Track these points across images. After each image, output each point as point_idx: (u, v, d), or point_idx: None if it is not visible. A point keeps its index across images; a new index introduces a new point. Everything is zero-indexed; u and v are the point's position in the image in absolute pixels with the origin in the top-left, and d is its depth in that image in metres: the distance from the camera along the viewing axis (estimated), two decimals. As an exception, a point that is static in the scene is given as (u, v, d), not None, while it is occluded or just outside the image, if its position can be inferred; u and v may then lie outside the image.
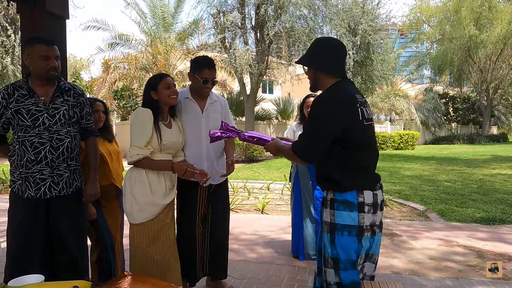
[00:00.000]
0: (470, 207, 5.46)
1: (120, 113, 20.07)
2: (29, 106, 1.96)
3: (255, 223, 4.80)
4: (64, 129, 2.02)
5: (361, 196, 1.63)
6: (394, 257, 3.48)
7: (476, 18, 23.03)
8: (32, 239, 1.94)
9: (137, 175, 2.13)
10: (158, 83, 2.19)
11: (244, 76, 14.98)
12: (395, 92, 23.81)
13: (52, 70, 1.97)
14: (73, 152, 2.08)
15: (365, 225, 1.63)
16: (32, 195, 1.96)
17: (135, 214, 2.12)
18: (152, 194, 2.12)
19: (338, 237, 1.64)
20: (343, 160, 1.66)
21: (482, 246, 3.76)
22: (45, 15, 2.52)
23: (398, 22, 27.51)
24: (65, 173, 2.03)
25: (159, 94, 2.18)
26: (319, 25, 14.41)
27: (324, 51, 1.73)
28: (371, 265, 1.73)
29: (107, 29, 16.32)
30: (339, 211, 1.64)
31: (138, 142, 2.09)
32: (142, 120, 2.12)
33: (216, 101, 2.56)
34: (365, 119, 1.68)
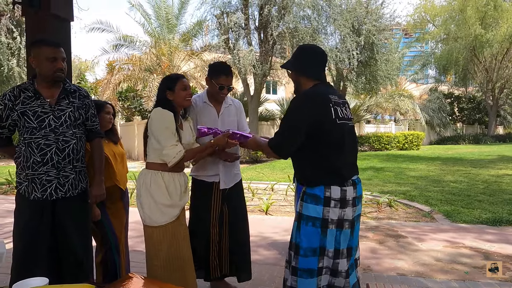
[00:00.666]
0: (477, 208, 5.41)
1: (124, 114, 20.15)
2: (35, 108, 1.96)
3: (259, 224, 4.79)
4: (70, 131, 2.03)
5: (328, 190, 1.76)
6: (400, 258, 3.46)
7: (481, 17, 22.85)
8: (38, 240, 1.95)
9: (153, 178, 2.10)
10: (175, 84, 2.15)
11: (248, 77, 14.98)
12: (400, 92, 23.67)
13: (58, 71, 1.98)
14: (79, 153, 2.09)
15: (330, 218, 1.76)
16: (39, 197, 1.96)
17: (155, 217, 2.08)
18: (170, 196, 2.10)
19: (303, 226, 1.80)
20: (314, 156, 1.80)
21: (489, 248, 3.72)
22: (50, 18, 2.54)
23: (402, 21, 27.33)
24: (70, 175, 2.04)
25: (176, 95, 2.14)
26: (323, 25, 14.37)
27: (304, 57, 1.93)
28: (344, 260, 1.81)
29: (111, 30, 16.41)
30: (306, 203, 1.80)
31: (170, 141, 2.04)
32: (169, 122, 2.07)
33: (231, 105, 2.61)
34: (338, 117, 1.80)
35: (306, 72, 1.91)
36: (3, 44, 13.35)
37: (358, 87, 16.77)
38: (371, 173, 9.55)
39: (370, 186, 7.62)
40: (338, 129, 1.79)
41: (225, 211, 2.55)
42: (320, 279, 1.79)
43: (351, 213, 1.80)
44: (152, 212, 2.08)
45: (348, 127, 1.85)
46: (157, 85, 15.55)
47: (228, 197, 2.55)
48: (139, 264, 3.19)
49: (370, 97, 21.44)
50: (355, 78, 16.28)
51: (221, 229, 2.55)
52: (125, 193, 2.71)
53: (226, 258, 2.58)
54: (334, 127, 1.77)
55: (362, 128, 22.55)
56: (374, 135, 19.17)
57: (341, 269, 1.81)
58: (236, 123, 2.61)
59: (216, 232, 2.52)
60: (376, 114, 27.32)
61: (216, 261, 2.54)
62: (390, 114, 28.42)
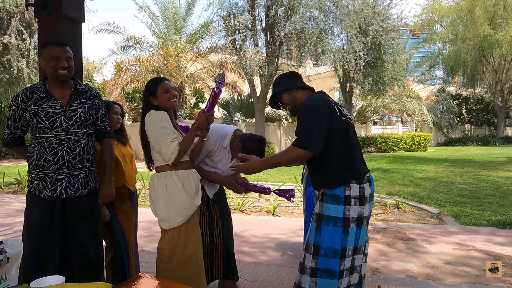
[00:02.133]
0: (486, 210, 5.34)
1: (131, 115, 20.31)
2: (47, 108, 1.99)
3: (266, 225, 4.79)
4: (80, 131, 2.05)
5: (348, 189, 1.79)
6: (409, 261, 3.43)
7: (490, 18, 22.62)
8: (48, 238, 1.96)
9: (168, 179, 2.07)
10: (156, 88, 2.12)
11: (254, 78, 14.99)
12: (407, 93, 23.49)
13: (61, 69, 1.98)
14: (89, 153, 2.11)
15: (351, 217, 1.78)
16: (49, 195, 1.98)
17: (173, 218, 2.07)
18: (187, 194, 2.09)
19: (324, 227, 1.80)
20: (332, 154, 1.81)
21: (499, 251, 3.68)
22: (62, 20, 2.56)
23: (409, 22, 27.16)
24: (80, 174, 2.06)
25: (159, 99, 2.12)
26: (330, 26, 14.35)
27: (283, 79, 2.11)
28: (360, 256, 1.87)
29: (118, 32, 16.56)
30: (327, 203, 1.81)
31: (168, 137, 2.02)
32: (163, 118, 2.06)
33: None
34: (342, 115, 1.87)
35: (296, 85, 2.05)
36: (13, 45, 13.53)
37: (364, 88, 16.70)
38: (378, 175, 9.49)
39: (377, 187, 7.57)
40: (345, 127, 1.85)
41: (214, 214, 2.58)
42: (341, 282, 1.79)
43: (368, 210, 1.85)
44: (170, 214, 2.06)
45: (351, 125, 1.91)
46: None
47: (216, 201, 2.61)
48: (148, 264, 3.21)
49: (377, 98, 21.32)
50: (361, 79, 16.22)
51: (212, 232, 2.56)
52: (134, 193, 2.72)
53: (220, 262, 2.59)
54: (343, 124, 1.84)
55: (368, 129, 22.43)
56: (381, 137, 19.05)
57: (356, 264, 1.86)
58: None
59: (207, 235, 2.54)
60: (383, 115, 27.14)
61: (207, 264, 2.55)
62: (397, 115, 28.21)
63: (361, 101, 22.50)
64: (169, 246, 2.10)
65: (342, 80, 17.04)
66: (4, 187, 8.19)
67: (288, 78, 2.12)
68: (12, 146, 2.12)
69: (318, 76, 24.28)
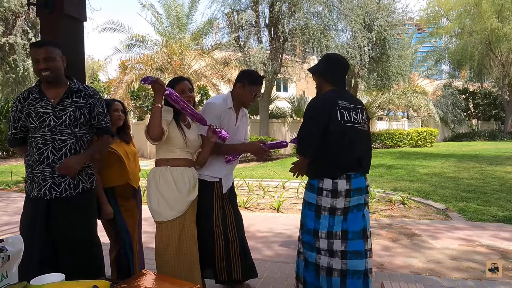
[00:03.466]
0: (493, 206, 5.29)
1: (136, 113, 20.39)
2: (38, 108, 2.01)
3: (270, 222, 4.79)
4: (68, 130, 2.03)
5: (321, 182, 2.15)
6: (414, 257, 3.41)
7: (498, 11, 22.25)
8: (33, 238, 1.96)
9: (161, 173, 2.16)
10: (174, 87, 2.23)
11: (259, 75, 14.95)
12: (413, 89, 23.28)
13: (42, 71, 1.97)
14: (78, 153, 2.07)
15: (323, 205, 2.14)
16: (35, 195, 2.00)
17: (164, 212, 2.13)
18: (178, 191, 2.14)
19: (304, 210, 2.26)
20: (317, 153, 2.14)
21: (506, 246, 3.64)
22: (64, 18, 2.57)
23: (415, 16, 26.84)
24: None
25: None
26: (334, 21, 14.24)
27: (329, 65, 2.27)
28: (338, 241, 2.12)
29: (123, 30, 16.63)
30: (306, 190, 2.27)
31: None
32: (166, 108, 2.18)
33: (244, 116, 2.65)
34: (344, 120, 2.09)
35: (328, 78, 2.24)
36: (18, 45, 13.63)
37: (369, 84, 16.57)
38: (383, 171, 9.43)
39: (382, 183, 7.53)
40: (342, 130, 2.09)
41: (228, 211, 2.51)
42: (319, 258, 2.15)
43: (343, 203, 2.13)
44: (161, 207, 2.13)
45: (357, 130, 2.14)
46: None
47: (229, 196, 2.58)
48: (153, 261, 3.22)
49: (382, 94, 21.16)
50: (366, 74, 16.09)
51: (226, 231, 2.46)
52: (138, 191, 2.73)
53: (238, 262, 2.49)
54: (338, 128, 2.08)
55: (374, 125, 22.28)
56: (387, 132, 18.91)
57: (336, 249, 2.11)
58: (245, 132, 2.70)
59: (220, 233, 2.43)
60: (389, 111, 26.95)
61: (223, 263, 2.45)
62: (402, 111, 27.98)
63: (366, 96, 22.34)
64: (162, 239, 2.15)
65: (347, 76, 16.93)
66: (12, 185, 8.29)
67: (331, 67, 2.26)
68: (15, 145, 2.17)
69: (322, 72, 24.09)
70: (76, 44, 2.68)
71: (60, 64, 2.05)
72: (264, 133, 15.04)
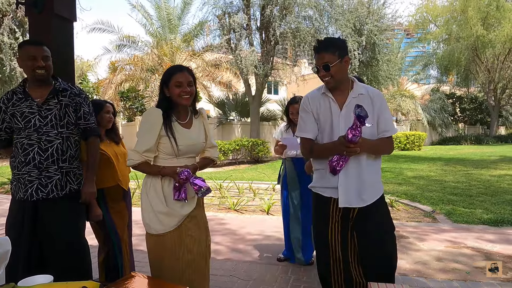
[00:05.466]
0: (478, 208, 5.40)
1: (126, 115, 20.21)
2: (23, 109, 1.98)
3: (260, 224, 4.80)
4: (54, 130, 2.01)
5: None
6: (401, 258, 3.45)
7: (483, 18, 22.80)
8: (19, 240, 1.94)
9: (152, 183, 1.93)
10: (169, 79, 1.90)
11: (250, 77, 14.99)
12: (401, 93, 23.66)
13: (38, 69, 1.97)
14: (65, 154, 2.05)
15: None
16: (21, 197, 1.98)
17: (152, 224, 1.91)
18: (167, 204, 1.89)
19: None
20: None
21: (490, 248, 3.72)
22: (53, 18, 2.55)
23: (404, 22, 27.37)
24: (55, 175, 2.01)
25: (170, 91, 1.91)
26: (325, 25, 14.38)
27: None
28: None
29: (112, 31, 16.48)
30: None
31: (138, 146, 1.89)
32: (149, 124, 1.88)
33: (362, 95, 1.88)
34: None
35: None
36: (5, 44, 13.39)
37: (359, 88, 16.76)
38: (372, 174, 9.53)
39: (371, 186, 7.61)
40: None
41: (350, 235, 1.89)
42: None
43: None
44: (150, 219, 1.91)
45: None
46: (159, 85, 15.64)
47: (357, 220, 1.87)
48: (142, 263, 3.21)
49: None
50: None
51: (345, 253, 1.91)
52: (128, 192, 2.72)
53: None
54: None
55: (363, 128, 22.48)
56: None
57: None
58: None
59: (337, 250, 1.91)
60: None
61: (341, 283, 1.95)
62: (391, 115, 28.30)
63: (356, 100, 22.54)
64: (151, 252, 1.97)
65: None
66: (-3, 187, 8.12)
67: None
68: (0, 147, 2.13)
69: (313, 75, 24.26)
70: (66, 45, 2.65)
71: (52, 64, 2.06)
72: (255, 136, 15.07)
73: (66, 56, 2.64)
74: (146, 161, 1.90)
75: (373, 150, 1.86)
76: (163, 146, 1.90)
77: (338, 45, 1.84)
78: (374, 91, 1.91)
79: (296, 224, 3.27)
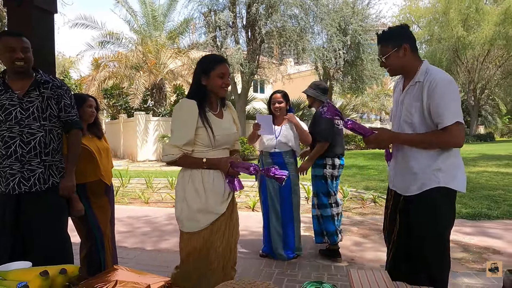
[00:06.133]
0: (457, 203, 5.52)
1: (110, 112, 19.88)
2: (3, 101, 1.94)
3: (246, 220, 4.82)
4: (36, 123, 1.98)
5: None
6: (383, 251, 3.53)
7: (464, 20, 23.44)
8: (1, 234, 1.92)
9: (191, 177, 1.84)
10: (213, 68, 1.83)
11: (235, 75, 14.99)
12: (385, 92, 24.10)
13: (17, 61, 1.93)
14: (48, 147, 2.02)
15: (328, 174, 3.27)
16: (3, 190, 1.94)
17: (185, 221, 1.84)
18: (206, 201, 1.83)
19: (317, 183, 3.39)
20: None
21: (468, 240, 3.85)
22: (33, 10, 2.49)
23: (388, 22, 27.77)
24: (38, 169, 1.98)
25: (211, 81, 1.85)
26: (310, 24, 14.50)
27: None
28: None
29: (95, 27, 16.18)
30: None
31: (176, 140, 1.80)
32: (186, 116, 1.81)
33: (419, 82, 1.78)
34: None
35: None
36: (-17, 39, 12.99)
37: (344, 87, 17.00)
38: (356, 171, 9.70)
39: (355, 183, 7.75)
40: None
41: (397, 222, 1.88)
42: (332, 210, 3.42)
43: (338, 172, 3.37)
44: (183, 215, 1.85)
45: None
46: (143, 82, 15.48)
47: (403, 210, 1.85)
48: (125, 260, 3.19)
49: (356, 97, 21.76)
50: (341, 77, 16.50)
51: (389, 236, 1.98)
52: (110, 188, 2.70)
53: None
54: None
55: (348, 127, 22.81)
56: (360, 134, 19.42)
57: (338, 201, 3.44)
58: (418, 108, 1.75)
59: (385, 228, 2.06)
60: (362, 113, 27.69)
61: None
62: (375, 114, 28.83)
63: (341, 99, 22.88)
64: (182, 249, 1.90)
65: (322, 78, 17.26)
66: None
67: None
68: None
69: (299, 74, 24.50)
70: (46, 37, 2.60)
71: (32, 56, 2.02)
72: (241, 134, 15.08)
73: (47, 49, 2.59)
74: (185, 154, 1.83)
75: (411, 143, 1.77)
76: (199, 137, 1.83)
77: (392, 36, 1.85)
78: (433, 79, 1.72)
79: (275, 219, 3.29)
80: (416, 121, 1.75)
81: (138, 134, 14.77)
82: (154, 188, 7.68)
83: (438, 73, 1.75)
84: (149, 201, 6.26)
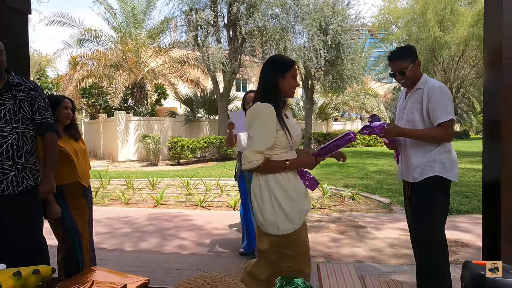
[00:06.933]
0: (431, 199, 5.77)
1: (89, 112, 19.46)
2: None
3: (227, 219, 4.87)
4: (8, 126, 1.96)
5: None
6: (359, 246, 3.67)
7: (440, 21, 24.12)
8: None
9: (276, 180, 1.79)
10: (289, 69, 1.81)
11: (217, 74, 14.96)
12: (365, 91, 24.57)
13: None
14: (21, 149, 2.00)
15: None
16: None
17: (282, 224, 1.77)
18: (298, 200, 1.81)
19: None
20: None
21: (439, 235, 4.02)
22: (6, 11, 2.46)
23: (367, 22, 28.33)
24: (10, 172, 1.96)
25: (285, 83, 1.81)
26: (291, 24, 14.63)
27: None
28: None
29: (73, 24, 15.78)
30: None
31: (258, 146, 1.73)
32: (266, 120, 1.74)
33: (419, 89, 2.20)
34: None
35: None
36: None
37: (325, 86, 17.23)
38: (335, 169, 9.89)
39: (334, 180, 7.91)
40: None
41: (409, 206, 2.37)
42: None
43: None
44: (278, 219, 1.77)
45: None
46: (123, 81, 15.22)
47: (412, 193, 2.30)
48: (104, 261, 3.18)
49: (337, 96, 22.08)
50: (322, 76, 16.71)
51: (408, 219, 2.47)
52: (88, 189, 2.69)
53: None
54: None
55: (330, 125, 23.18)
56: (341, 132, 19.73)
57: None
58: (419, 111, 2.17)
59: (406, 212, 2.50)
60: (343, 112, 28.14)
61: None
62: (356, 112, 29.35)
63: (323, 98, 23.19)
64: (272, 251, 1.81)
65: (304, 78, 17.46)
66: None
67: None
68: None
69: (281, 73, 24.62)
70: (20, 38, 2.57)
71: (5, 59, 1.99)
72: (223, 133, 15.08)
73: (20, 50, 2.55)
74: (268, 159, 1.78)
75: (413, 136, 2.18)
76: (278, 140, 1.79)
77: (409, 52, 2.22)
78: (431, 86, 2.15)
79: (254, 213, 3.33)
80: (416, 119, 2.18)
81: (118, 134, 14.53)
82: (135, 188, 7.62)
83: (435, 82, 2.19)
84: (130, 202, 6.21)
